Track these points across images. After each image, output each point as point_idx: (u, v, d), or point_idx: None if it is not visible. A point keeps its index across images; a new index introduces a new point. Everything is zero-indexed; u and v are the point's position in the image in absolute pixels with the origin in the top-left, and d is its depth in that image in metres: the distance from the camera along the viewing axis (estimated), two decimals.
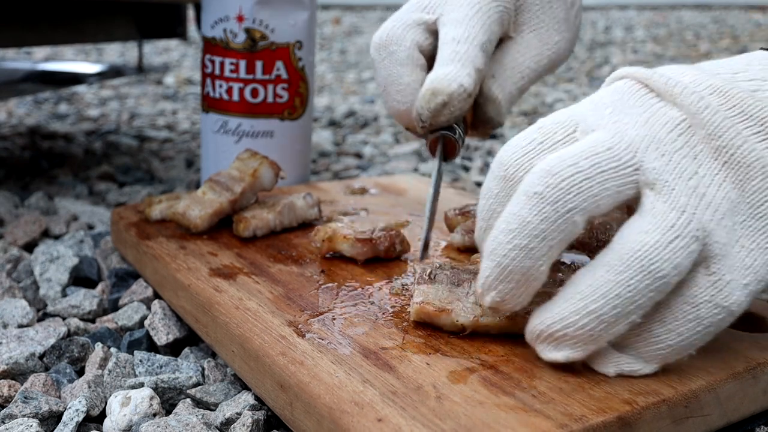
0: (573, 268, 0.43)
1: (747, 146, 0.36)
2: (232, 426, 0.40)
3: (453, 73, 0.48)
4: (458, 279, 0.44)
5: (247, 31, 0.69)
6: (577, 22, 0.58)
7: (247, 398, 0.42)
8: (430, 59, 0.53)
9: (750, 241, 0.36)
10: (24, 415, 0.40)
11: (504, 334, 0.41)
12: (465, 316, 0.41)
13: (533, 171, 0.36)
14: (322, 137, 1.20)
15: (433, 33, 0.53)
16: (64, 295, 0.57)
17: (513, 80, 0.54)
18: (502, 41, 0.55)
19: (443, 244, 0.56)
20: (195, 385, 0.44)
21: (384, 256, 0.52)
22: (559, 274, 0.42)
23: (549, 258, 0.36)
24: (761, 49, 0.42)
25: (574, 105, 0.40)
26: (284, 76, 0.71)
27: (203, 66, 0.73)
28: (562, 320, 0.36)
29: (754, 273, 0.36)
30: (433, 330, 0.42)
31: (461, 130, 0.51)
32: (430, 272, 0.45)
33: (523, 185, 0.36)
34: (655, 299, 0.35)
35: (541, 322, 0.37)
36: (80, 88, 1.69)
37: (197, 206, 0.57)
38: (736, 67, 0.40)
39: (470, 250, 0.54)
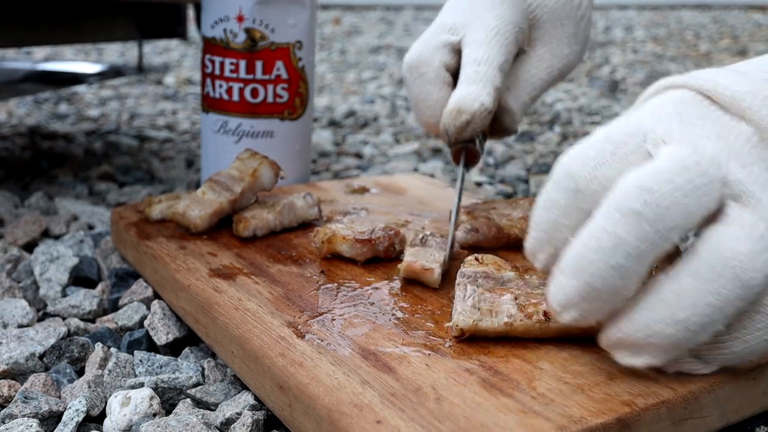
0: None
1: None
2: (232, 426, 0.40)
3: (475, 92, 0.54)
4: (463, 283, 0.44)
5: (247, 31, 0.69)
6: (586, 34, 0.63)
7: (247, 398, 0.42)
8: (455, 74, 0.58)
9: None
10: (24, 415, 0.40)
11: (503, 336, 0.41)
12: (464, 320, 0.40)
13: (626, 187, 0.35)
14: (322, 137, 1.20)
15: (458, 52, 0.58)
16: (64, 295, 0.57)
17: (526, 91, 0.60)
18: (516, 55, 0.60)
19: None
20: (195, 385, 0.44)
21: (384, 257, 0.52)
22: None
23: (641, 277, 0.35)
24: None
25: (634, 113, 0.39)
26: (284, 76, 0.71)
27: (203, 66, 0.73)
28: (646, 329, 0.35)
29: None
30: (432, 331, 0.42)
31: (481, 140, 0.57)
32: (422, 237, 0.51)
33: (615, 201, 0.34)
34: (743, 309, 0.34)
35: (619, 329, 0.36)
36: (80, 88, 1.69)
37: (197, 206, 0.57)
38: None
39: (473, 248, 0.55)
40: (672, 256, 0.36)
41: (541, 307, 0.41)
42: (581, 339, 0.40)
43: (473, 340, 0.41)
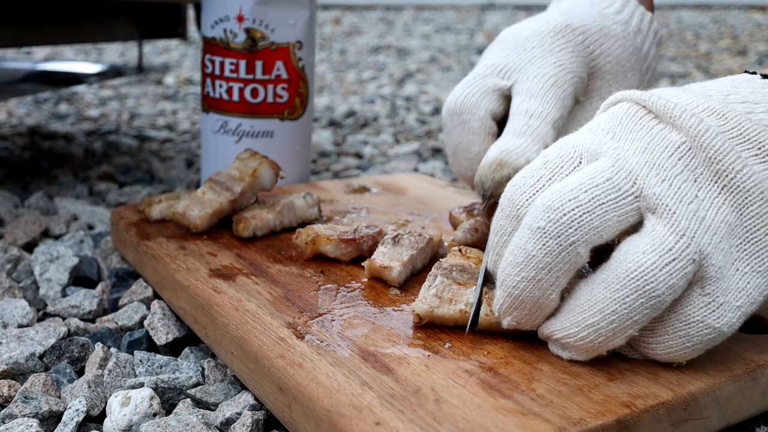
0: None
1: (747, 170, 0.37)
2: (232, 426, 0.40)
3: (523, 147, 0.49)
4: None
5: (247, 31, 0.69)
6: (650, 86, 0.56)
7: (247, 398, 0.42)
8: (501, 122, 0.54)
9: (744, 264, 0.37)
10: (24, 415, 0.40)
11: (504, 335, 0.41)
12: (421, 306, 0.42)
13: (535, 205, 0.37)
14: (322, 137, 1.20)
15: (507, 98, 0.53)
16: (64, 295, 0.57)
17: None
18: None
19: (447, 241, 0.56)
20: (195, 385, 0.44)
21: (368, 256, 0.52)
22: None
23: (558, 286, 0.37)
24: (745, 72, 0.43)
25: (574, 134, 0.41)
26: (284, 76, 0.71)
27: (203, 66, 0.73)
28: (563, 330, 0.38)
29: (747, 296, 0.37)
30: (432, 332, 0.42)
31: None
32: (396, 236, 0.51)
33: (527, 219, 0.37)
34: (651, 315, 0.36)
35: (546, 327, 0.39)
36: (80, 88, 1.69)
37: (197, 206, 0.57)
38: (725, 89, 0.40)
39: (473, 247, 0.55)
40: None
41: None
42: None
43: (472, 340, 0.41)
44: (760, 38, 3.32)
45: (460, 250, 0.47)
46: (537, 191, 0.39)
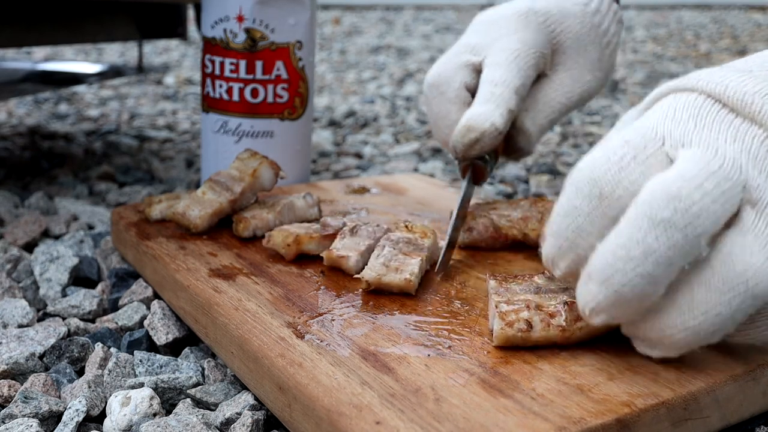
0: None
1: None
2: (232, 426, 0.40)
3: (487, 112, 0.55)
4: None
5: (247, 31, 0.69)
6: (612, 61, 0.62)
7: (247, 398, 0.42)
8: (473, 94, 0.59)
9: None
10: (24, 415, 0.40)
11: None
12: (370, 273, 0.45)
13: (652, 194, 0.34)
14: (322, 137, 1.20)
15: (479, 72, 0.59)
16: (64, 295, 0.57)
17: (544, 114, 0.60)
18: (537, 78, 0.60)
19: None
20: (195, 385, 0.44)
21: None
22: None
23: (669, 281, 0.35)
24: None
25: (647, 117, 0.39)
26: (284, 76, 0.71)
27: (203, 66, 0.73)
28: (660, 331, 0.36)
29: None
30: (432, 332, 0.42)
31: (491, 159, 0.57)
32: (354, 227, 0.53)
33: (644, 209, 0.34)
34: (750, 313, 0.35)
35: (637, 327, 0.37)
36: (80, 88, 1.69)
37: (197, 206, 0.57)
38: None
39: (468, 246, 0.55)
40: None
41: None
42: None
43: (472, 340, 0.41)
44: (760, 38, 3.32)
45: (406, 226, 0.52)
46: (623, 169, 0.36)
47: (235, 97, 0.71)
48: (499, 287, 0.43)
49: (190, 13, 1.22)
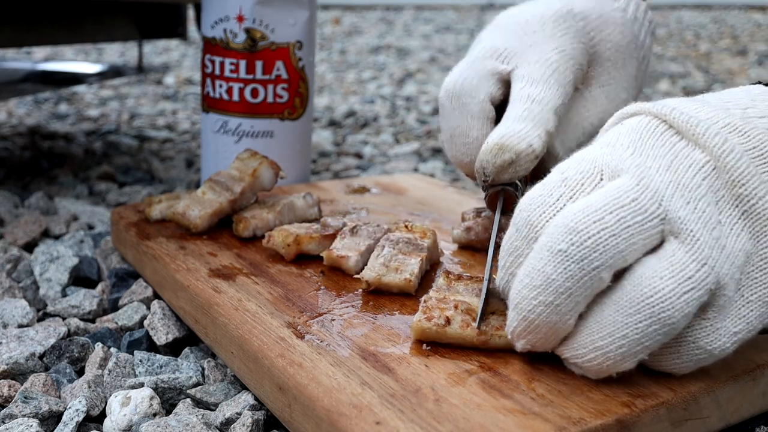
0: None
1: None
2: (232, 426, 0.40)
3: (524, 131, 0.47)
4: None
5: (247, 31, 0.69)
6: (645, 78, 0.56)
7: (247, 398, 0.42)
8: (499, 108, 0.52)
9: (751, 293, 0.36)
10: (24, 415, 0.40)
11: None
12: (370, 273, 0.45)
13: (555, 225, 0.35)
14: (322, 137, 1.20)
15: (505, 83, 0.52)
16: (64, 295, 0.57)
17: (575, 135, 0.53)
18: None
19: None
20: (195, 385, 0.44)
21: None
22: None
23: (576, 311, 0.35)
24: (758, 83, 0.42)
25: (591, 148, 0.39)
26: (284, 76, 0.71)
27: (203, 66, 0.73)
28: (573, 350, 0.36)
29: (747, 323, 0.36)
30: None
31: (522, 187, 0.49)
32: (354, 227, 0.52)
33: (546, 240, 0.35)
34: (663, 342, 0.35)
35: (558, 348, 0.37)
36: (80, 88, 1.69)
37: (197, 206, 0.57)
38: (742, 102, 0.39)
39: (468, 246, 0.55)
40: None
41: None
42: None
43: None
44: (760, 38, 3.32)
45: (405, 226, 0.51)
46: (557, 210, 0.36)
47: (235, 97, 0.71)
48: (444, 285, 0.43)
49: (190, 13, 1.22)
